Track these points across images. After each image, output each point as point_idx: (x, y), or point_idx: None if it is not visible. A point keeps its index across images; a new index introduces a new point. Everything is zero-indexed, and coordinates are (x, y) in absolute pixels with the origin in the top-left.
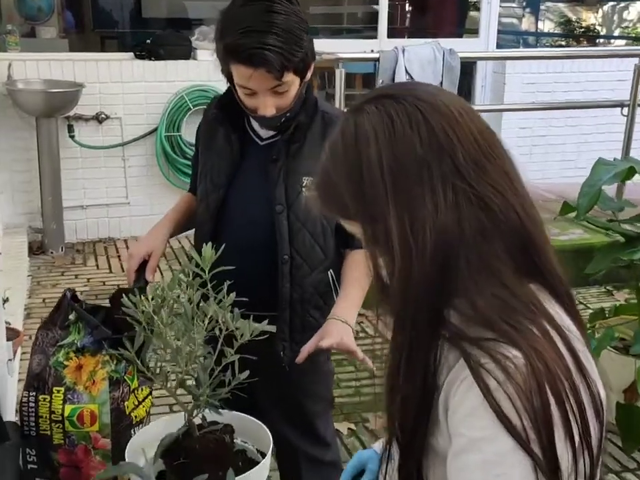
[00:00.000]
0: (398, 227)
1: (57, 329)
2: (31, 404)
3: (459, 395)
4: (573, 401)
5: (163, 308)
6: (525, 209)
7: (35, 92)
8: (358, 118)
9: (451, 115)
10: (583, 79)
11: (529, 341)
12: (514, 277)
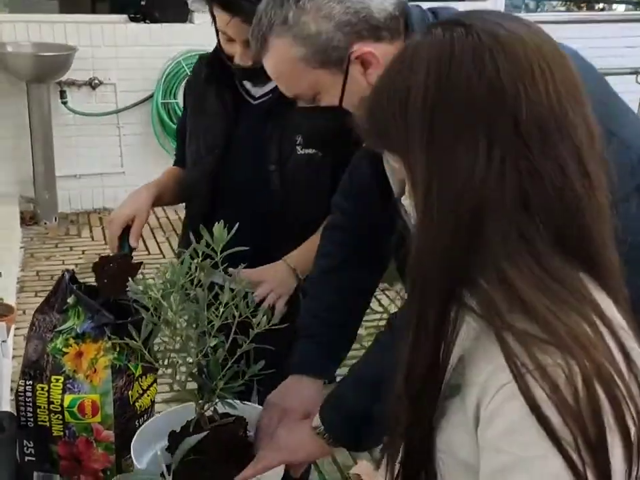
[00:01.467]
0: (427, 173)
1: (55, 312)
2: (27, 393)
3: (496, 402)
4: (631, 406)
5: (172, 293)
6: (588, 194)
7: (25, 55)
8: (422, 40)
9: (527, 66)
10: (587, 44)
11: (578, 340)
12: (558, 260)
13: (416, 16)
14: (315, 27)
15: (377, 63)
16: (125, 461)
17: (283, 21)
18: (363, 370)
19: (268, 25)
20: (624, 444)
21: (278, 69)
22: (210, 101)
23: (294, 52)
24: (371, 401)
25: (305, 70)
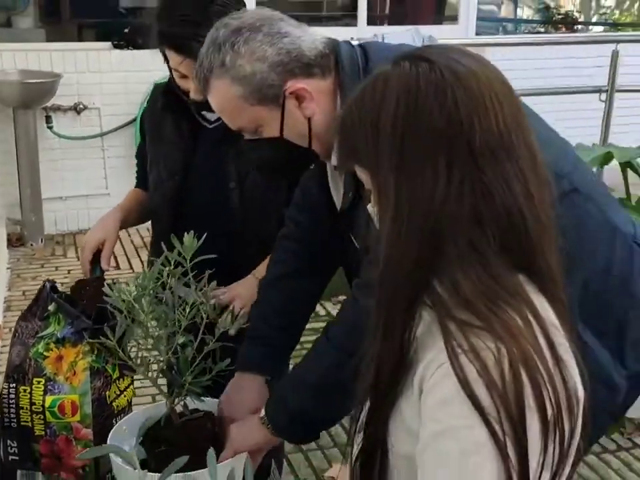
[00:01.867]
0: (395, 193)
1: (37, 320)
2: (11, 395)
3: (435, 378)
4: (549, 389)
5: (143, 297)
6: (531, 212)
7: (12, 83)
8: (392, 72)
9: (481, 99)
10: (561, 65)
11: (509, 330)
12: (503, 268)
13: (345, 53)
14: (250, 68)
15: (310, 97)
16: (103, 458)
17: (221, 64)
18: (302, 373)
19: (208, 68)
20: (541, 422)
21: (220, 107)
22: (167, 129)
23: (233, 91)
24: (308, 400)
25: (244, 107)
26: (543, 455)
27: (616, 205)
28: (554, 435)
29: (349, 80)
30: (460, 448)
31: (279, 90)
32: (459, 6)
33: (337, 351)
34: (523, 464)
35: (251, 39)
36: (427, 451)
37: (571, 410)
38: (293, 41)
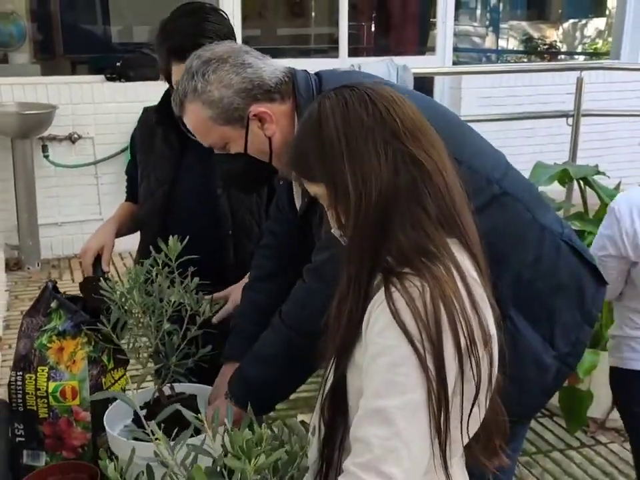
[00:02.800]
0: (352, 180)
1: (40, 315)
2: (18, 382)
3: (376, 312)
4: (462, 321)
5: (134, 289)
6: (448, 175)
7: (10, 114)
8: (322, 100)
9: (392, 99)
10: (534, 92)
11: (434, 275)
12: (434, 228)
13: (301, 80)
14: (218, 93)
15: (271, 119)
16: (99, 438)
17: (193, 89)
18: (258, 348)
19: (183, 93)
20: (455, 347)
21: (194, 127)
22: (157, 143)
23: (204, 113)
24: (264, 372)
25: (214, 126)
26: (461, 379)
27: (545, 208)
28: (469, 362)
29: (304, 103)
30: (391, 362)
31: (244, 113)
32: (436, 38)
33: (289, 329)
34: (440, 375)
35: (219, 68)
36: (367, 369)
37: (485, 343)
38: (256, 70)
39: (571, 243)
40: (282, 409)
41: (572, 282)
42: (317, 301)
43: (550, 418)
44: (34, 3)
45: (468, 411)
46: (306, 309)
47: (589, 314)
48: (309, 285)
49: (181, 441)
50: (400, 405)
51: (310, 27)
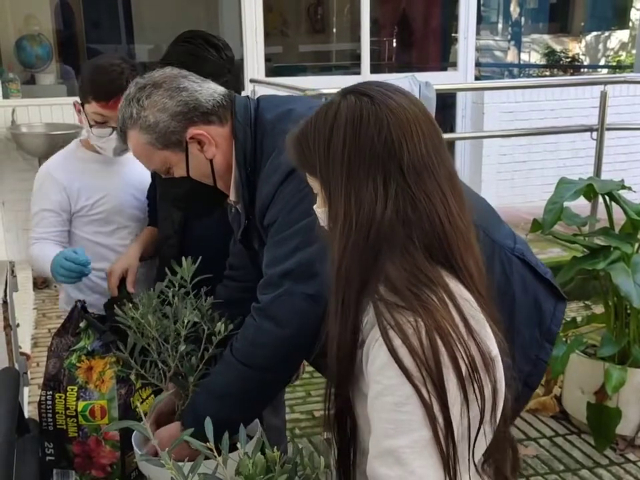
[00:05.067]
0: (345, 202)
1: (69, 335)
2: (48, 402)
3: (374, 350)
4: (461, 350)
5: (148, 314)
6: (449, 218)
7: (38, 135)
8: (341, 102)
9: (409, 130)
10: (557, 106)
11: (426, 307)
12: (424, 260)
13: (239, 104)
14: (153, 118)
15: (209, 142)
16: (127, 457)
17: (129, 116)
18: (210, 383)
19: (122, 121)
20: (457, 377)
21: (136, 153)
22: None
23: (142, 139)
24: (215, 407)
25: (153, 151)
26: (466, 404)
27: (497, 224)
28: (472, 387)
29: (240, 127)
30: (394, 401)
31: (181, 136)
32: (457, 53)
33: (241, 365)
34: (444, 411)
35: (153, 93)
36: (372, 407)
37: (487, 367)
38: (191, 93)
39: (523, 257)
40: (307, 426)
41: (527, 298)
42: (267, 339)
43: (578, 435)
44: (59, 24)
45: (474, 435)
46: (257, 346)
47: (549, 331)
48: (259, 324)
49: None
50: (409, 444)
51: (331, 44)
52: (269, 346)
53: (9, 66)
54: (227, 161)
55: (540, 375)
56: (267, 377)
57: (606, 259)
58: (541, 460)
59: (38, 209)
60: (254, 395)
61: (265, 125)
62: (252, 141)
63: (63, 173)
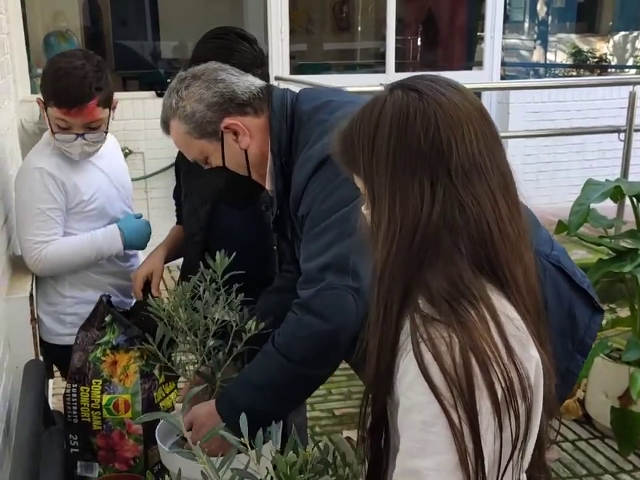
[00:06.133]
0: (390, 205)
1: (95, 329)
2: (73, 394)
3: (404, 363)
4: (498, 372)
5: (180, 307)
6: (498, 225)
7: None
8: (388, 98)
9: (460, 128)
10: (584, 107)
11: (463, 322)
12: (469, 271)
13: (276, 96)
14: (190, 108)
15: (244, 132)
16: (151, 451)
17: (169, 107)
18: (250, 375)
19: (163, 112)
20: (491, 402)
21: (176, 142)
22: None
23: (181, 129)
24: (255, 399)
25: (191, 141)
26: (499, 431)
27: (534, 226)
28: (507, 414)
29: (276, 117)
30: (422, 420)
31: (217, 126)
32: (483, 52)
33: (280, 356)
34: (474, 436)
35: (191, 85)
36: (401, 423)
37: (524, 394)
38: (228, 85)
39: (559, 264)
40: (327, 424)
41: (560, 307)
42: (308, 332)
43: (601, 440)
44: (87, 21)
45: (504, 464)
46: (297, 339)
47: (582, 343)
48: (300, 318)
49: (226, 463)
50: (434, 467)
51: (356, 42)
52: (310, 339)
53: (37, 62)
54: (262, 151)
55: (568, 387)
56: (305, 371)
57: (632, 261)
58: (563, 464)
59: (44, 208)
60: (291, 388)
61: (301, 116)
62: (287, 132)
63: (58, 170)
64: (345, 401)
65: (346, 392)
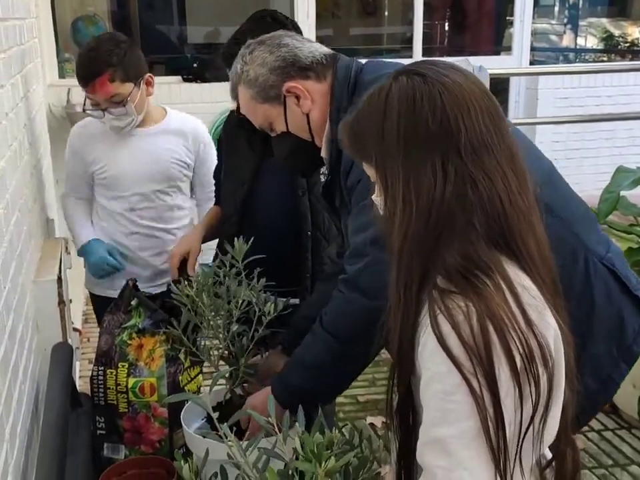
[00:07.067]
0: (404, 189)
1: (121, 313)
2: (100, 377)
3: (424, 336)
4: (516, 340)
5: (203, 292)
6: (510, 198)
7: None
8: (393, 84)
9: (465, 107)
10: (615, 92)
11: (479, 291)
12: (483, 244)
13: (342, 64)
14: (254, 73)
15: (305, 96)
16: (176, 434)
17: (235, 72)
18: (300, 354)
19: (231, 79)
20: (510, 369)
21: (243, 108)
22: (241, 144)
23: (247, 94)
24: (305, 378)
25: (256, 106)
26: (520, 401)
27: (590, 225)
28: (527, 382)
29: (338, 85)
30: (443, 389)
31: (279, 89)
32: (512, 37)
33: (330, 336)
34: (494, 403)
35: (255, 50)
36: (424, 395)
37: (545, 362)
38: (290, 49)
39: (613, 267)
40: (351, 410)
41: (610, 310)
42: (355, 310)
43: (628, 430)
44: (114, 5)
45: (524, 432)
46: (345, 318)
47: (629, 351)
48: (346, 295)
49: (253, 444)
50: (457, 434)
51: (383, 27)
52: (356, 317)
53: (65, 46)
54: (324, 116)
55: (608, 395)
56: (352, 350)
57: None
58: (589, 454)
59: (67, 169)
60: (337, 367)
61: (362, 86)
62: (347, 100)
63: (79, 141)
64: (368, 387)
65: (370, 378)
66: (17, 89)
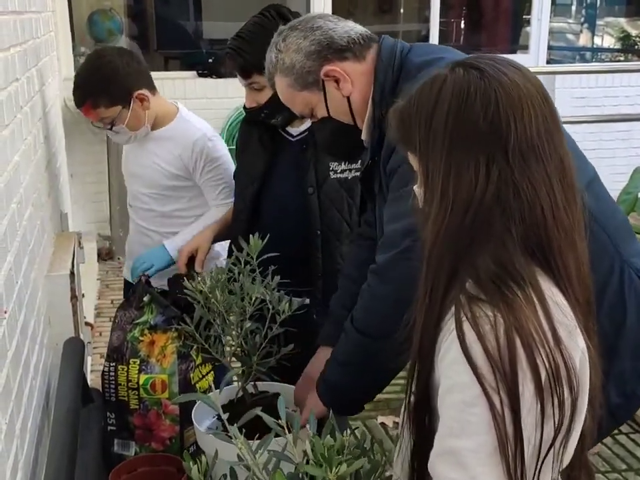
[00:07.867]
0: (444, 184)
1: (133, 309)
2: (111, 373)
3: (447, 343)
4: (543, 356)
5: (217, 288)
6: (553, 212)
7: None
8: (448, 75)
9: (520, 108)
10: (632, 92)
11: (509, 303)
12: (519, 254)
13: (386, 45)
14: (289, 60)
15: (344, 78)
16: (187, 431)
17: (270, 62)
18: (335, 352)
19: (267, 69)
20: (535, 386)
21: (283, 97)
22: (252, 142)
23: (284, 82)
24: (340, 375)
25: (295, 94)
26: (541, 419)
27: (628, 235)
28: (551, 401)
29: (382, 68)
30: (463, 400)
31: (317, 75)
32: (530, 36)
33: (360, 334)
34: (515, 420)
35: (288, 36)
36: (442, 403)
37: (570, 383)
38: (325, 32)
39: None
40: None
41: (639, 324)
42: (383, 305)
43: None
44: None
45: (544, 453)
46: (373, 314)
47: None
48: (373, 290)
49: (262, 446)
50: (473, 448)
51: (398, 24)
52: (384, 312)
53: (81, 40)
54: (365, 98)
55: (631, 410)
56: (384, 345)
57: None
58: (602, 458)
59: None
60: (376, 364)
61: (409, 69)
62: (392, 82)
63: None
64: None
65: None
66: (32, 82)
